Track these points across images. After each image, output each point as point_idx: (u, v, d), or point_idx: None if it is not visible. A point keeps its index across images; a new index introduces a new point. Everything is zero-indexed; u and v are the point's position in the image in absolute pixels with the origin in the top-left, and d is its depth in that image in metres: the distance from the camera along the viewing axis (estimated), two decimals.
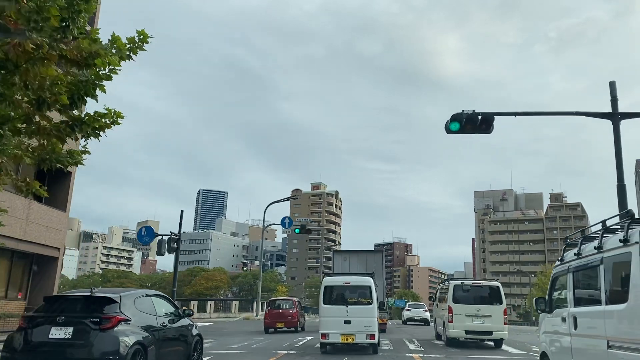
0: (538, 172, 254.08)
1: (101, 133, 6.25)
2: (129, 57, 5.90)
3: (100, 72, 5.82)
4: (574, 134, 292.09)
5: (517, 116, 12.56)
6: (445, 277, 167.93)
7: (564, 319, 6.56)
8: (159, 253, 21.59)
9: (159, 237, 21.94)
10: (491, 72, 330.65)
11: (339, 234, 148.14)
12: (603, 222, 5.88)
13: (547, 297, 7.49)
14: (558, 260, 7.28)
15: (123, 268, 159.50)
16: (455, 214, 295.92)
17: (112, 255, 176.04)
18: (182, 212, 22.65)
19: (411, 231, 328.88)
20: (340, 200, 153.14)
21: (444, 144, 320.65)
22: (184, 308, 10.04)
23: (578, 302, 6.26)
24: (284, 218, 38.47)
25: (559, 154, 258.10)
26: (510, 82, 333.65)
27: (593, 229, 6.29)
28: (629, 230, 4.99)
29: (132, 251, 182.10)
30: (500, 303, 16.18)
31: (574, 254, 6.49)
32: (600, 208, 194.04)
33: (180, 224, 22.52)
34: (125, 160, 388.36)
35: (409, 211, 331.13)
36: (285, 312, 23.50)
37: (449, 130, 11.79)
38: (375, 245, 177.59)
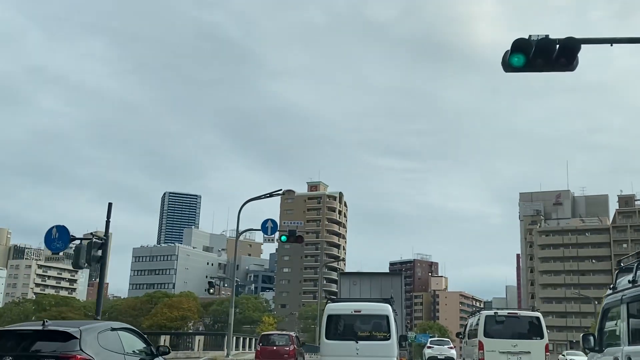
0: (601, 169, 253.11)
1: None
2: None
3: None
4: None
5: (613, 45, 11.83)
6: (481, 305, 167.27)
7: None
8: (77, 265, 19.80)
9: (78, 242, 20.00)
10: None
11: (343, 249, 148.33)
12: None
13: (596, 333, 7.95)
14: (609, 289, 7.83)
15: (64, 293, 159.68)
16: (494, 223, 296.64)
17: (49, 277, 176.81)
18: (110, 204, 20.83)
19: (437, 246, 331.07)
20: (345, 205, 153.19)
21: (478, 135, 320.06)
22: (158, 345, 10.96)
23: (634, 339, 6.61)
24: (266, 221, 36.58)
25: (627, 146, 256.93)
26: None
27: None
28: None
29: (77, 271, 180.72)
30: (541, 337, 17.62)
31: (629, 281, 6.90)
32: None
33: (108, 222, 20.64)
34: (71, 156, 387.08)
35: (434, 220, 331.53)
36: (280, 350, 24.49)
37: (508, 67, 11.01)
38: (391, 264, 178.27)
